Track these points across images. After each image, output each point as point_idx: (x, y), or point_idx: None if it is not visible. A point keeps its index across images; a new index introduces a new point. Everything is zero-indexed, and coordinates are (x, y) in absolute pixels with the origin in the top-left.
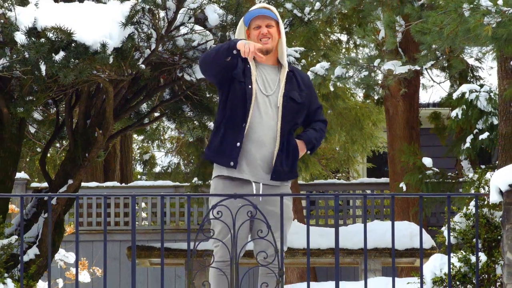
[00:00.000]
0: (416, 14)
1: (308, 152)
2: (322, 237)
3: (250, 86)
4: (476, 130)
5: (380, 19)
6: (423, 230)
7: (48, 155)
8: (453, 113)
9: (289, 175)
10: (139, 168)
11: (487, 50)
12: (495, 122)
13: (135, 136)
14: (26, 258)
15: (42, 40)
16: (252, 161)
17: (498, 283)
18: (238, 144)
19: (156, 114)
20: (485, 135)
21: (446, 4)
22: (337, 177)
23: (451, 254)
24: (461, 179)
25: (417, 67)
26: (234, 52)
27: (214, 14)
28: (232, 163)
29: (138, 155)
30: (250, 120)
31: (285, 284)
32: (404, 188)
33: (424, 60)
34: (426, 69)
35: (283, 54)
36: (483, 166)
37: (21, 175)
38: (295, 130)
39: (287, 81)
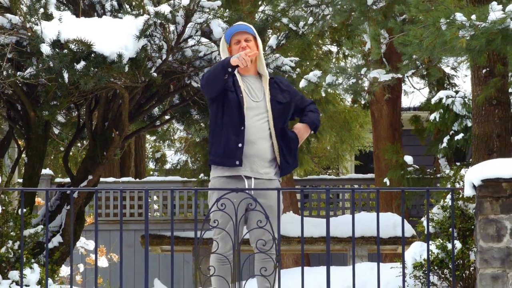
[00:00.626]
0: (398, 28)
1: (312, 132)
2: (314, 227)
3: (241, 95)
4: (452, 132)
5: (367, 32)
6: (405, 220)
7: (71, 153)
8: (432, 116)
9: (293, 165)
10: (151, 165)
11: (462, 60)
12: (469, 124)
13: (148, 136)
14: (50, 245)
15: (65, 51)
16: (250, 158)
17: (471, 268)
18: (240, 145)
19: (167, 117)
20: (460, 136)
21: (425, 19)
22: (328, 173)
23: (430, 242)
24: (438, 175)
25: (399, 75)
26: (229, 70)
27: (218, 27)
28: (237, 162)
29: (151, 153)
30: (246, 123)
31: (282, 269)
32: (388, 183)
33: (405, 69)
34: (407, 77)
35: (262, 65)
36: (458, 164)
37: (46, 171)
38: (287, 125)
39: (271, 88)
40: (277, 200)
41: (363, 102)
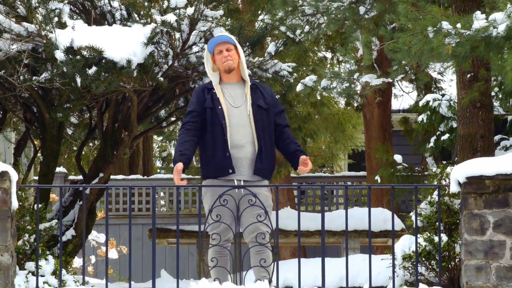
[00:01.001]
0: (389, 35)
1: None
2: (310, 221)
3: (219, 107)
4: (438, 132)
5: (359, 40)
6: (395, 215)
7: (83, 152)
8: (419, 118)
9: (268, 171)
10: (158, 163)
11: (448, 65)
12: (454, 125)
13: (155, 137)
14: (64, 238)
15: (78, 57)
16: (238, 162)
17: (457, 259)
18: (228, 154)
19: (173, 119)
20: (446, 136)
21: (413, 27)
22: (323, 171)
23: (418, 235)
24: (426, 173)
25: (390, 80)
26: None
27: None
28: (230, 170)
29: (158, 152)
30: (229, 131)
31: (280, 260)
32: (379, 180)
33: (395, 74)
34: (397, 81)
35: (244, 72)
36: (444, 162)
37: (60, 169)
38: (271, 133)
39: (252, 93)
40: (266, 198)
41: (355, 104)
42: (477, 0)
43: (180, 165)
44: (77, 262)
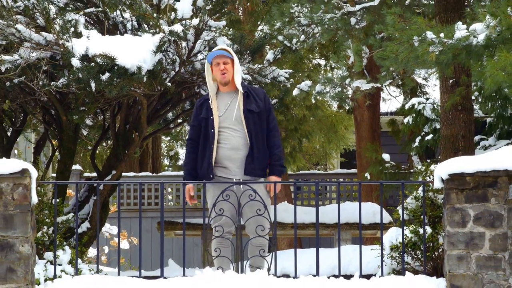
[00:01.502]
0: (377, 44)
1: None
2: (306, 214)
3: (211, 117)
4: (423, 133)
5: (350, 48)
6: (383, 209)
7: (97, 151)
8: (406, 120)
9: (260, 172)
10: (166, 161)
11: (432, 71)
12: (438, 126)
13: (163, 137)
14: (80, 230)
15: (92, 64)
16: (230, 164)
17: (440, 250)
18: (210, 160)
19: (179, 121)
20: (430, 137)
21: (400, 37)
22: (317, 169)
23: (404, 227)
24: (412, 170)
25: (378, 85)
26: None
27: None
28: (211, 176)
29: (166, 151)
30: (221, 138)
31: (277, 251)
32: (368, 177)
33: (383, 79)
34: (385, 86)
35: (238, 81)
36: (428, 160)
37: (76, 167)
38: (263, 134)
39: (245, 99)
40: (263, 195)
41: (347, 107)
42: (459, 11)
43: (189, 187)
44: (91, 252)
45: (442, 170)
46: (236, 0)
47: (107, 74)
